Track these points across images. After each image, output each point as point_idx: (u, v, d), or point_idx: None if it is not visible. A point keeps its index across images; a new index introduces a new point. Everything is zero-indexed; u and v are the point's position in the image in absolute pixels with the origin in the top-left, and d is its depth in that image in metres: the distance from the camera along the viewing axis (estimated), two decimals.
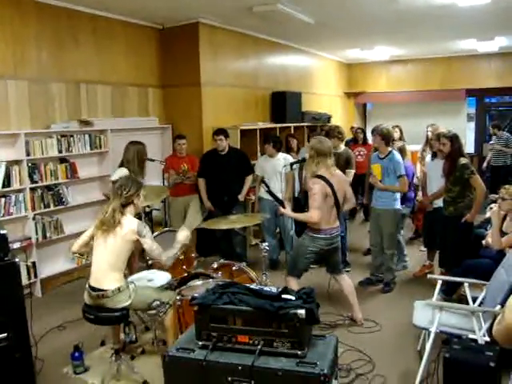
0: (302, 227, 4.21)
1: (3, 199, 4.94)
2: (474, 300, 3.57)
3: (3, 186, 4.90)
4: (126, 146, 5.06)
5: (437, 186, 5.25)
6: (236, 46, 7.43)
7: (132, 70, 6.58)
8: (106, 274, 3.22)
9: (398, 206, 5.11)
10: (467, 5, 5.93)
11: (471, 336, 3.09)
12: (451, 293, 4.41)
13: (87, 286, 3.29)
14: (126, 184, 3.32)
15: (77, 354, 3.64)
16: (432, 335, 3.26)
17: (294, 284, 4.15)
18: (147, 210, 5.01)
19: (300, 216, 4.15)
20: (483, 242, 4.43)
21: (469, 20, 7.00)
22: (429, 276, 4.06)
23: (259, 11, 6.01)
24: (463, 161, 4.70)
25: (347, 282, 4.42)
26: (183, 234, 3.54)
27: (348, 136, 9.89)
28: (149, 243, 3.31)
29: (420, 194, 6.01)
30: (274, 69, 8.53)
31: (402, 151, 5.45)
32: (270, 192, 4.57)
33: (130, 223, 3.25)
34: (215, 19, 6.69)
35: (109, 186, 3.44)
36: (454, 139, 4.78)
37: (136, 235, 3.24)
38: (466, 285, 3.63)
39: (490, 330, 3.13)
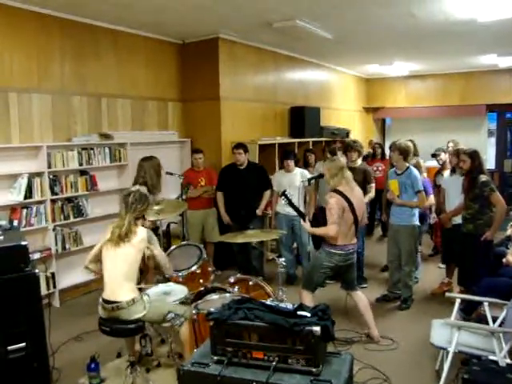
0: (318, 240, 4.20)
1: (25, 210, 5.04)
2: (494, 320, 3.50)
3: (25, 198, 4.99)
4: (140, 164, 5.09)
5: (455, 203, 5.20)
6: (255, 60, 7.51)
7: (152, 84, 6.68)
8: (120, 286, 3.26)
9: (417, 222, 5.06)
10: (487, 20, 5.90)
11: (491, 357, 3.02)
12: (470, 312, 4.33)
13: (100, 300, 3.33)
14: (139, 199, 3.49)
15: (93, 366, 3.66)
16: (450, 355, 3.20)
17: (308, 298, 4.14)
18: (159, 223, 5.03)
19: (318, 231, 4.15)
20: (504, 260, 4.35)
21: (489, 35, 6.96)
22: (447, 294, 4.00)
23: (279, 27, 6.08)
24: (483, 178, 4.65)
25: (362, 298, 4.38)
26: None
27: (367, 150, 9.88)
28: (158, 248, 3.57)
29: (433, 215, 5.93)
30: (292, 84, 8.58)
31: (417, 167, 5.41)
32: (291, 204, 4.43)
33: (140, 233, 3.39)
34: (235, 34, 6.78)
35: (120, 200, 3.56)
36: (475, 156, 4.73)
37: (146, 243, 3.41)
38: (485, 304, 3.56)
39: (511, 352, 3.07)
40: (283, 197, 4.39)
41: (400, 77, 11.36)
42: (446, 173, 5.66)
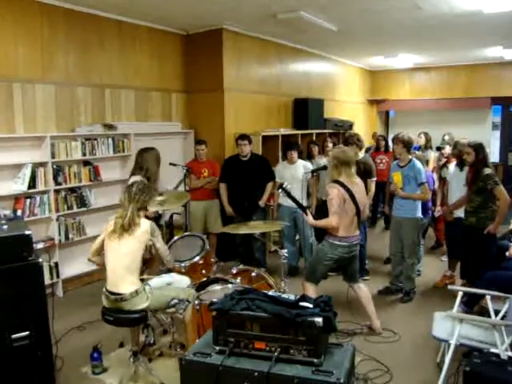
0: (321, 232, 4.20)
1: (28, 200, 5.05)
2: (496, 313, 3.49)
3: (29, 187, 5.00)
4: (141, 155, 4.94)
5: (457, 196, 5.19)
6: (259, 52, 7.47)
7: (156, 75, 6.67)
8: (122, 278, 3.27)
9: (419, 214, 5.05)
10: (493, 12, 5.85)
11: (493, 350, 3.01)
12: (472, 305, 4.33)
13: (104, 289, 3.34)
14: (143, 189, 3.47)
15: (96, 355, 3.69)
16: (452, 347, 3.21)
17: (311, 290, 4.14)
18: (161, 212, 5.02)
19: (320, 223, 4.15)
20: (507, 253, 4.35)
21: (495, 27, 6.91)
22: (449, 287, 4.00)
23: (283, 18, 6.04)
24: (487, 171, 4.63)
25: (363, 290, 4.39)
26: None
27: (370, 142, 9.84)
28: (160, 241, 3.51)
29: (438, 208, 5.93)
30: (296, 75, 8.55)
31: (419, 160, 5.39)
32: (291, 197, 4.33)
33: (143, 225, 3.37)
34: (239, 26, 6.75)
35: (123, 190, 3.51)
36: (479, 149, 4.71)
37: (149, 235, 3.37)
38: (487, 297, 3.56)
39: None
40: (280, 189, 4.35)
41: (404, 69, 11.31)
42: (451, 166, 5.65)
